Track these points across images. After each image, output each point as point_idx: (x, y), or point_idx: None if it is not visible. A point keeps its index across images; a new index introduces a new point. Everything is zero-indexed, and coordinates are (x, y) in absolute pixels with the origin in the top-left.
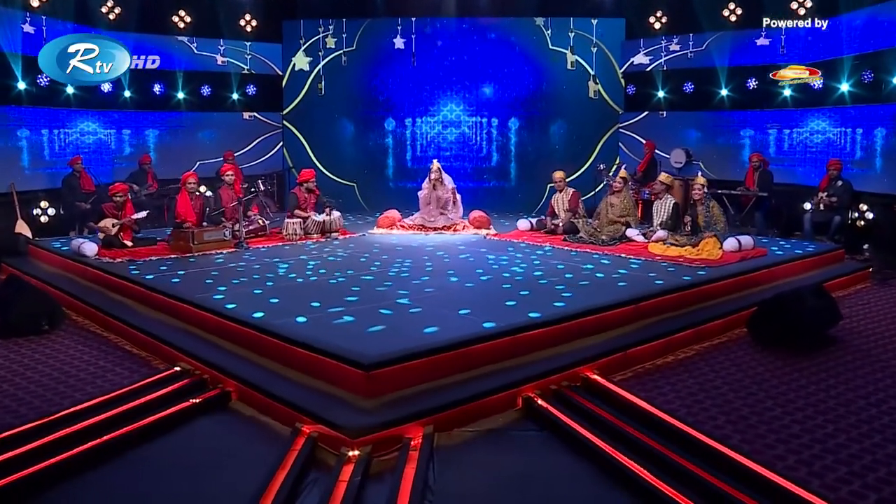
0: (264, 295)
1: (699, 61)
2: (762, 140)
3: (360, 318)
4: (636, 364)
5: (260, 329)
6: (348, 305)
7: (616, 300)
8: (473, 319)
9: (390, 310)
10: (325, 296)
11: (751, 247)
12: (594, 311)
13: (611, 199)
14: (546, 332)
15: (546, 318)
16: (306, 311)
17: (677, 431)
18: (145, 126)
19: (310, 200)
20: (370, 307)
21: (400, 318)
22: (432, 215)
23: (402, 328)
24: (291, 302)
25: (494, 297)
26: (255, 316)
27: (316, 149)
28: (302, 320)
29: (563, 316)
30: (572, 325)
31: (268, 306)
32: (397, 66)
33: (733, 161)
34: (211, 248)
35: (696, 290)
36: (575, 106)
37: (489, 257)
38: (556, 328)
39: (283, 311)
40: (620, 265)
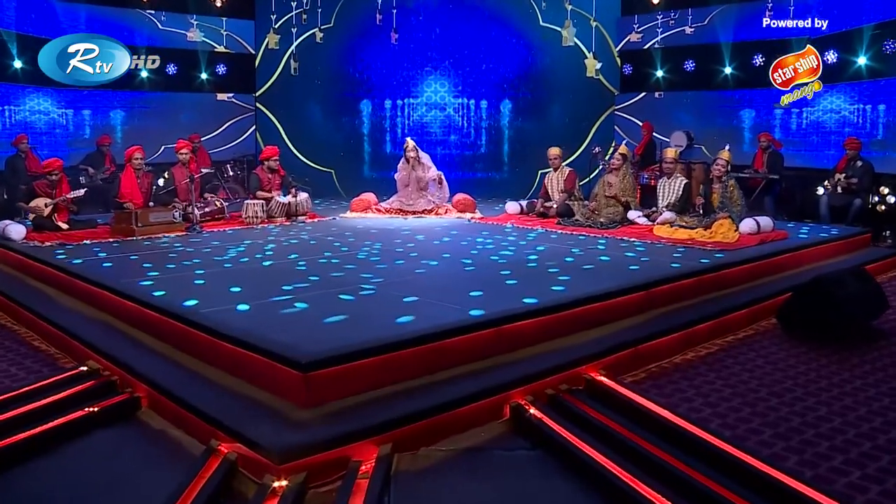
0: (205, 280)
1: (701, 37)
2: (769, 120)
3: (315, 306)
4: (650, 362)
5: (183, 320)
6: (302, 291)
7: (624, 285)
8: (456, 308)
9: (353, 296)
10: (277, 281)
11: (770, 229)
12: (599, 298)
13: (608, 177)
14: (540, 322)
15: (542, 305)
16: (250, 298)
17: (711, 448)
18: (106, 106)
19: (273, 181)
20: (330, 293)
21: (366, 306)
22: (411, 198)
23: (368, 318)
24: (235, 288)
25: (482, 281)
26: (185, 305)
27: (291, 133)
28: (244, 308)
29: (562, 303)
30: (572, 314)
31: (204, 294)
32: (378, 43)
33: (738, 143)
34: (158, 230)
35: (715, 276)
36: (568, 87)
37: (474, 241)
38: (552, 318)
39: (220, 298)
40: (624, 249)
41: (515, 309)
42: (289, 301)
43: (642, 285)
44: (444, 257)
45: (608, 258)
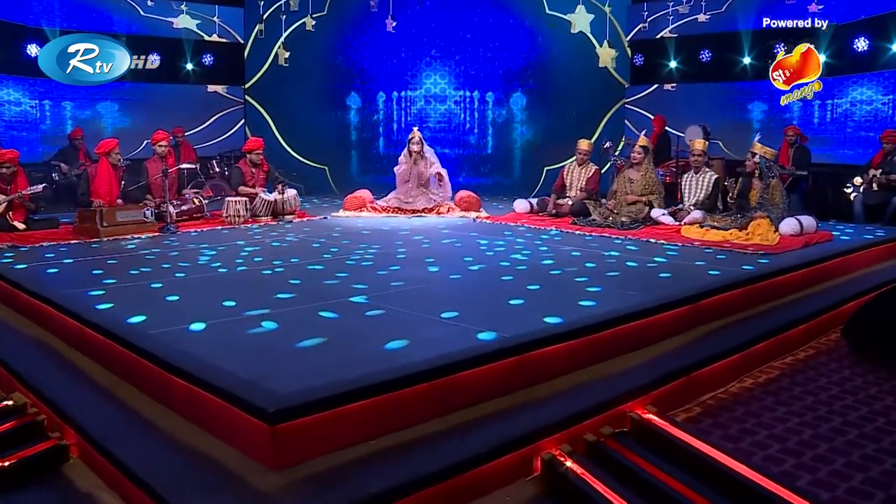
0: (163, 291)
1: (717, 25)
2: (790, 113)
3: (288, 325)
4: (704, 392)
5: (125, 343)
6: (277, 305)
7: (669, 298)
8: (461, 327)
9: (336, 312)
10: (249, 292)
11: (813, 229)
12: (638, 315)
13: (629, 173)
14: (570, 347)
15: (572, 326)
16: (212, 314)
17: None
18: (83, 98)
19: (257, 176)
20: (307, 308)
21: (350, 326)
22: (411, 195)
23: (350, 342)
24: (197, 301)
25: (491, 293)
26: (131, 322)
27: (282, 127)
28: (198, 328)
29: (595, 322)
30: (608, 335)
31: (158, 308)
32: (373, 32)
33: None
34: (127, 231)
35: (765, 285)
36: (576, 78)
37: (481, 242)
38: (584, 341)
39: (177, 314)
40: (653, 252)
41: (539, 331)
42: (259, 318)
43: (687, 298)
44: (447, 263)
45: (635, 263)
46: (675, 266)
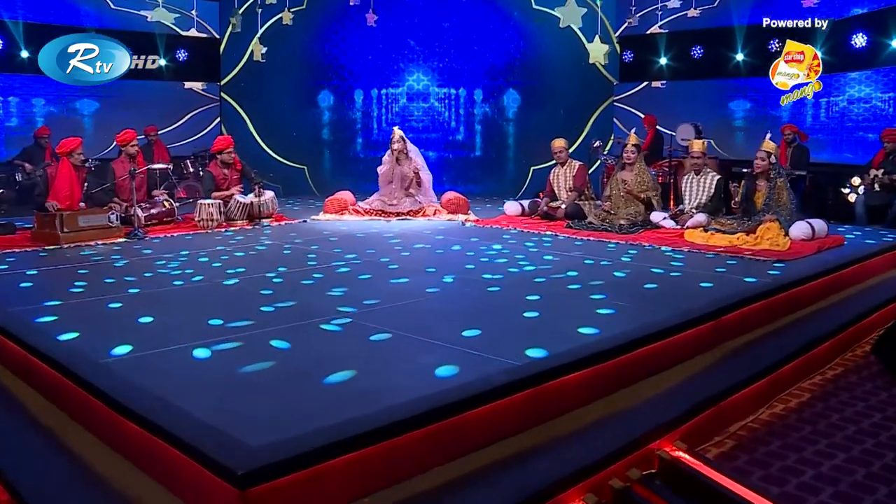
0: (124, 308)
1: (710, 20)
2: (787, 110)
3: (262, 352)
4: (733, 421)
5: (70, 374)
6: (250, 326)
7: (686, 315)
8: (461, 352)
9: (318, 334)
10: (220, 309)
11: (825, 233)
12: (661, 335)
13: (622, 174)
14: (590, 374)
15: (591, 350)
16: (176, 336)
17: None
18: (50, 94)
19: (230, 176)
20: (286, 329)
21: (334, 352)
22: (395, 197)
23: (334, 373)
24: (161, 320)
25: (492, 310)
26: (81, 346)
27: (259, 125)
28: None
29: (618, 345)
30: (629, 359)
31: (116, 328)
32: (354, 26)
33: (752, 137)
34: (90, 237)
35: (786, 295)
36: (563, 75)
37: (473, 249)
38: (605, 366)
39: (136, 336)
40: (659, 260)
41: (554, 358)
42: (227, 341)
43: (709, 314)
44: (439, 273)
45: (659, 271)
46: (686, 276)
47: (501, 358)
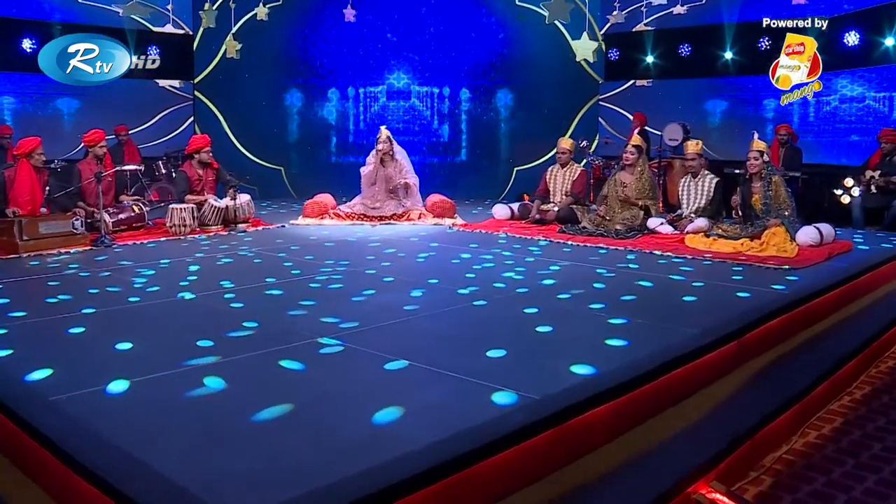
0: (85, 329)
1: (698, 18)
2: (777, 110)
3: (240, 383)
4: (766, 453)
5: (13, 416)
6: (227, 350)
7: (709, 333)
8: (467, 383)
9: (303, 360)
10: (192, 330)
11: (832, 238)
12: (687, 358)
13: (621, 175)
14: (615, 407)
15: (616, 380)
16: (141, 364)
17: None
18: (8, 92)
19: (206, 178)
20: (266, 355)
21: (322, 384)
22: (378, 199)
23: (325, 411)
24: (124, 343)
25: (493, 328)
26: (30, 378)
27: (234, 125)
28: (120, 388)
29: (645, 371)
30: (653, 387)
31: (74, 354)
32: (332, 23)
33: (742, 136)
34: (52, 244)
35: (805, 309)
36: (547, 73)
37: (464, 257)
38: (631, 396)
39: (95, 364)
40: (664, 268)
41: (574, 389)
42: (201, 371)
43: (733, 333)
44: (431, 284)
45: (650, 283)
46: (696, 286)
47: (519, 391)
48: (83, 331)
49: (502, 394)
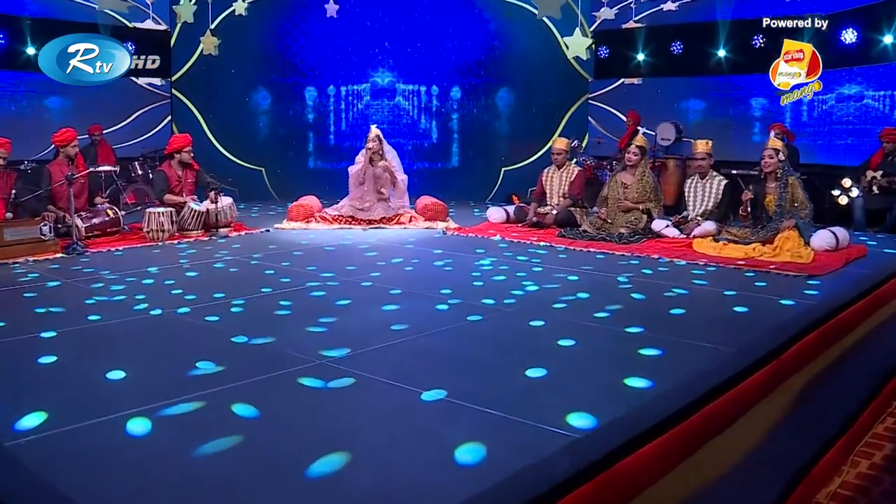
0: (45, 352)
1: (691, 15)
2: (771, 110)
3: (209, 419)
4: (819, 488)
5: None
6: (205, 382)
7: (747, 352)
8: (492, 418)
9: (299, 394)
10: (168, 354)
11: (847, 242)
12: (733, 382)
13: (622, 176)
14: (663, 444)
15: (665, 410)
16: (105, 400)
17: None
18: None
19: (185, 180)
20: (255, 385)
21: (323, 428)
22: (367, 200)
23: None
24: (87, 373)
25: (512, 350)
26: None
27: (213, 124)
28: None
29: (697, 398)
30: (700, 417)
31: (26, 385)
32: (314, 18)
33: (735, 137)
34: (19, 252)
35: (837, 320)
36: (536, 71)
37: (465, 264)
38: (680, 430)
39: (51, 397)
40: (675, 276)
41: (618, 424)
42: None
43: (772, 352)
44: (432, 298)
45: (669, 293)
46: (716, 297)
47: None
48: (42, 346)
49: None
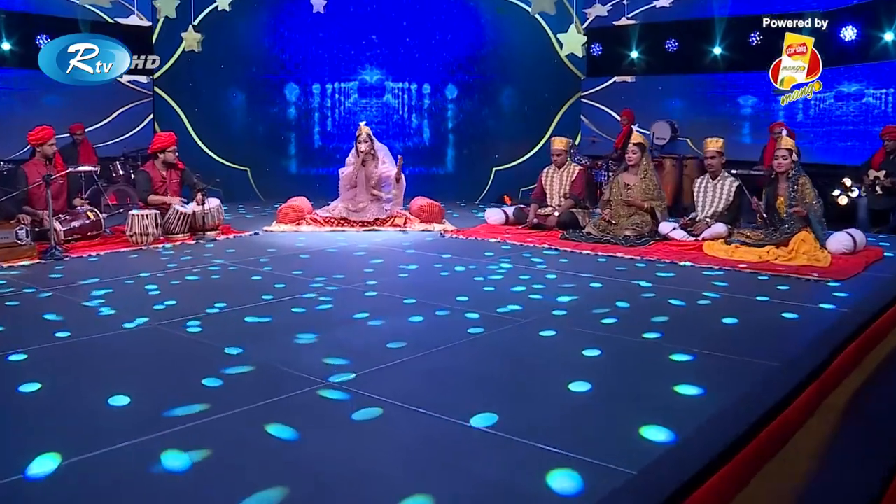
0: (17, 375)
1: (686, 12)
2: (768, 109)
3: (223, 462)
4: None
5: None
6: (199, 413)
7: (793, 369)
8: (517, 446)
9: (305, 422)
10: (156, 375)
11: (864, 244)
12: (781, 406)
13: (624, 177)
14: (710, 489)
15: (714, 447)
16: (81, 431)
17: None
18: None
19: (170, 180)
20: (254, 413)
21: (335, 462)
22: (360, 203)
23: None
24: (63, 397)
25: (532, 368)
26: None
27: (196, 122)
28: (47, 469)
29: (746, 430)
30: (752, 448)
31: None
32: (300, 14)
33: (732, 135)
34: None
35: (872, 330)
36: (528, 69)
37: (469, 268)
38: (731, 466)
39: (20, 432)
40: (693, 282)
41: (659, 464)
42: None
43: (819, 368)
44: (441, 307)
45: (682, 302)
46: (740, 303)
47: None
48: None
49: (562, 474)
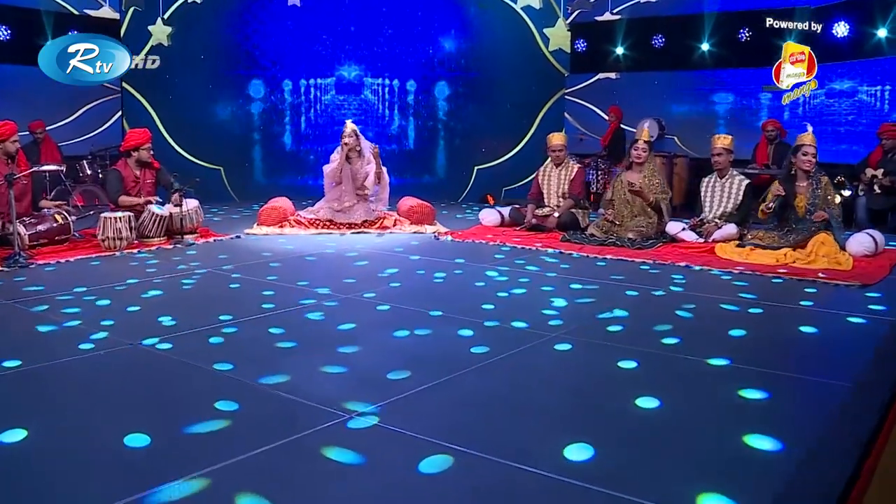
0: None
1: (673, 7)
2: (758, 106)
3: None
4: None
5: None
6: (194, 462)
7: (871, 388)
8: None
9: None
10: (133, 409)
11: (884, 246)
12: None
13: (628, 175)
14: None
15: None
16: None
17: None
18: None
19: (143, 180)
20: (257, 459)
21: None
22: (345, 203)
23: None
24: (18, 434)
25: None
26: None
27: (167, 120)
28: None
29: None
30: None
31: None
32: (275, 7)
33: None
34: None
35: None
36: (511, 66)
37: (475, 274)
38: None
39: None
40: (713, 287)
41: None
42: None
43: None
44: (456, 321)
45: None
46: (775, 315)
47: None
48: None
49: None
